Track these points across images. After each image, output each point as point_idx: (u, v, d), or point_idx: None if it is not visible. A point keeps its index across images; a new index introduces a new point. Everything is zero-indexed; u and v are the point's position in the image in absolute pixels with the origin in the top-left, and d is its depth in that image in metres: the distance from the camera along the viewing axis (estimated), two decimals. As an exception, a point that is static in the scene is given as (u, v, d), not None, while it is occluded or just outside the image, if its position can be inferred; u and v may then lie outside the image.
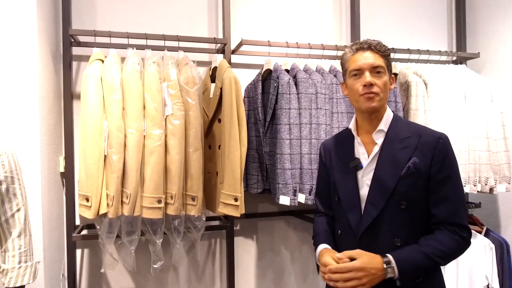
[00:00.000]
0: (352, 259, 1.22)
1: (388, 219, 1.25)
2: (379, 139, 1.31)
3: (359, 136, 1.37)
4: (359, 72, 1.29)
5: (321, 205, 1.52)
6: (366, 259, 1.18)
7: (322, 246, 1.35)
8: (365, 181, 1.31)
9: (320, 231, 1.44)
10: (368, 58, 1.28)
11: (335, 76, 2.17)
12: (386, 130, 1.31)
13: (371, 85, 1.26)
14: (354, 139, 1.38)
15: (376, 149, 1.31)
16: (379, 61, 1.28)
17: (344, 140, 1.43)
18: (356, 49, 1.31)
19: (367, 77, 1.26)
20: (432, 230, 1.27)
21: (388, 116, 1.33)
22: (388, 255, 1.20)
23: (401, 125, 1.32)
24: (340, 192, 1.37)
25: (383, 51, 1.30)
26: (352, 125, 1.39)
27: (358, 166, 1.33)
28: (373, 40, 1.32)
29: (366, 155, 1.34)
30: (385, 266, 1.17)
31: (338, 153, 1.42)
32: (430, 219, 1.27)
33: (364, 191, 1.31)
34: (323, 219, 1.50)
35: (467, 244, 1.24)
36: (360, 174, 1.33)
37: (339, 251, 1.38)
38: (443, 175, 1.24)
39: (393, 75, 1.37)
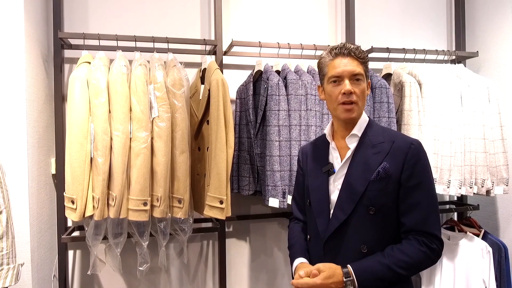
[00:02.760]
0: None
1: (355, 224, 1.23)
2: (352, 143, 1.30)
3: (334, 141, 1.36)
4: (338, 79, 1.26)
5: (296, 210, 1.51)
6: (326, 274, 1.16)
7: (298, 261, 1.33)
8: (336, 186, 1.30)
9: (295, 242, 1.43)
10: (348, 65, 1.25)
11: (326, 77, 2.14)
12: (359, 135, 1.30)
13: (350, 93, 1.24)
14: (329, 144, 1.37)
15: (349, 153, 1.29)
16: (359, 68, 1.26)
17: (320, 145, 1.43)
18: (335, 54, 1.28)
19: (347, 85, 1.24)
20: (402, 237, 1.24)
21: (363, 121, 1.32)
22: (349, 266, 1.18)
23: (375, 130, 1.31)
24: (312, 197, 1.35)
25: (363, 58, 1.28)
26: (327, 130, 1.38)
27: (331, 171, 1.32)
28: (353, 45, 1.29)
29: (339, 159, 1.33)
30: (344, 279, 1.15)
31: (313, 158, 1.42)
32: (400, 227, 1.24)
33: (335, 196, 1.29)
34: (298, 226, 1.48)
35: (437, 255, 1.21)
36: (332, 179, 1.32)
37: (310, 257, 1.37)
38: (414, 182, 1.21)
39: (369, 81, 1.35)
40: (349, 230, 1.24)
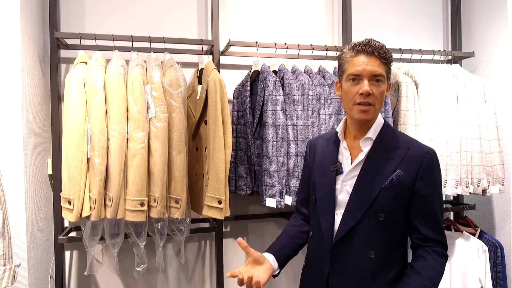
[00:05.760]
0: None
1: (364, 229, 1.22)
2: (366, 147, 1.26)
3: (346, 140, 1.32)
4: (357, 78, 1.20)
5: (299, 202, 1.51)
6: None
7: (265, 255, 1.31)
8: (345, 186, 1.27)
9: (279, 236, 1.44)
10: (369, 64, 1.18)
11: (323, 77, 2.15)
12: (374, 138, 1.26)
13: (368, 94, 1.18)
14: (340, 142, 1.34)
15: (362, 156, 1.26)
16: (380, 69, 1.19)
17: (330, 141, 1.38)
18: (357, 51, 1.21)
19: (366, 85, 1.18)
20: (415, 245, 1.24)
21: (378, 124, 1.27)
22: None
23: (390, 134, 1.27)
24: (317, 194, 1.34)
25: (387, 58, 1.21)
26: (340, 128, 1.33)
27: (339, 170, 1.29)
28: (378, 43, 1.21)
29: (350, 160, 1.29)
30: None
31: (321, 153, 1.38)
32: (413, 234, 1.24)
33: (342, 196, 1.27)
34: (293, 221, 1.48)
35: (447, 261, 1.24)
36: (340, 178, 1.29)
37: (310, 253, 1.37)
38: (428, 191, 1.20)
39: (390, 82, 1.29)
40: (357, 235, 1.22)
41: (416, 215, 1.21)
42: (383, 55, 1.20)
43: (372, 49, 1.19)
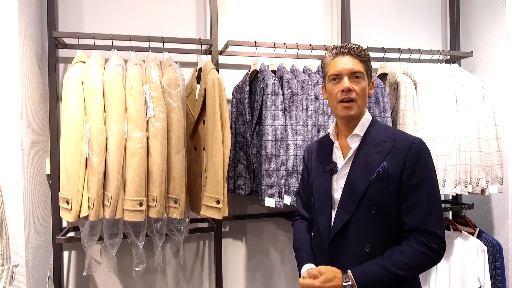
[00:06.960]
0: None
1: (358, 223, 1.24)
2: (354, 143, 1.31)
3: (338, 140, 1.37)
4: (338, 77, 1.28)
5: (301, 207, 1.52)
6: (325, 278, 1.18)
7: (306, 267, 1.33)
8: (339, 184, 1.31)
9: (301, 245, 1.42)
10: (347, 63, 1.27)
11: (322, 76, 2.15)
12: (362, 134, 1.30)
13: (349, 90, 1.25)
14: (333, 143, 1.38)
15: (350, 153, 1.30)
16: (358, 66, 1.27)
17: (325, 143, 1.44)
18: (335, 54, 1.30)
19: (346, 82, 1.25)
20: (403, 239, 1.24)
21: (365, 120, 1.32)
22: (349, 271, 1.19)
23: (377, 129, 1.31)
24: (315, 195, 1.37)
25: (363, 56, 1.29)
26: (331, 129, 1.39)
27: (334, 169, 1.33)
28: (353, 44, 1.31)
29: (342, 158, 1.34)
30: (344, 283, 1.16)
31: (318, 156, 1.43)
32: (402, 226, 1.24)
33: (337, 194, 1.30)
34: (303, 226, 1.48)
35: (438, 255, 1.19)
36: (334, 177, 1.33)
37: (314, 254, 1.37)
38: (414, 180, 1.21)
39: (372, 80, 1.36)
40: (352, 230, 1.24)
41: (403, 206, 1.22)
42: (359, 54, 1.28)
43: (348, 49, 1.29)
